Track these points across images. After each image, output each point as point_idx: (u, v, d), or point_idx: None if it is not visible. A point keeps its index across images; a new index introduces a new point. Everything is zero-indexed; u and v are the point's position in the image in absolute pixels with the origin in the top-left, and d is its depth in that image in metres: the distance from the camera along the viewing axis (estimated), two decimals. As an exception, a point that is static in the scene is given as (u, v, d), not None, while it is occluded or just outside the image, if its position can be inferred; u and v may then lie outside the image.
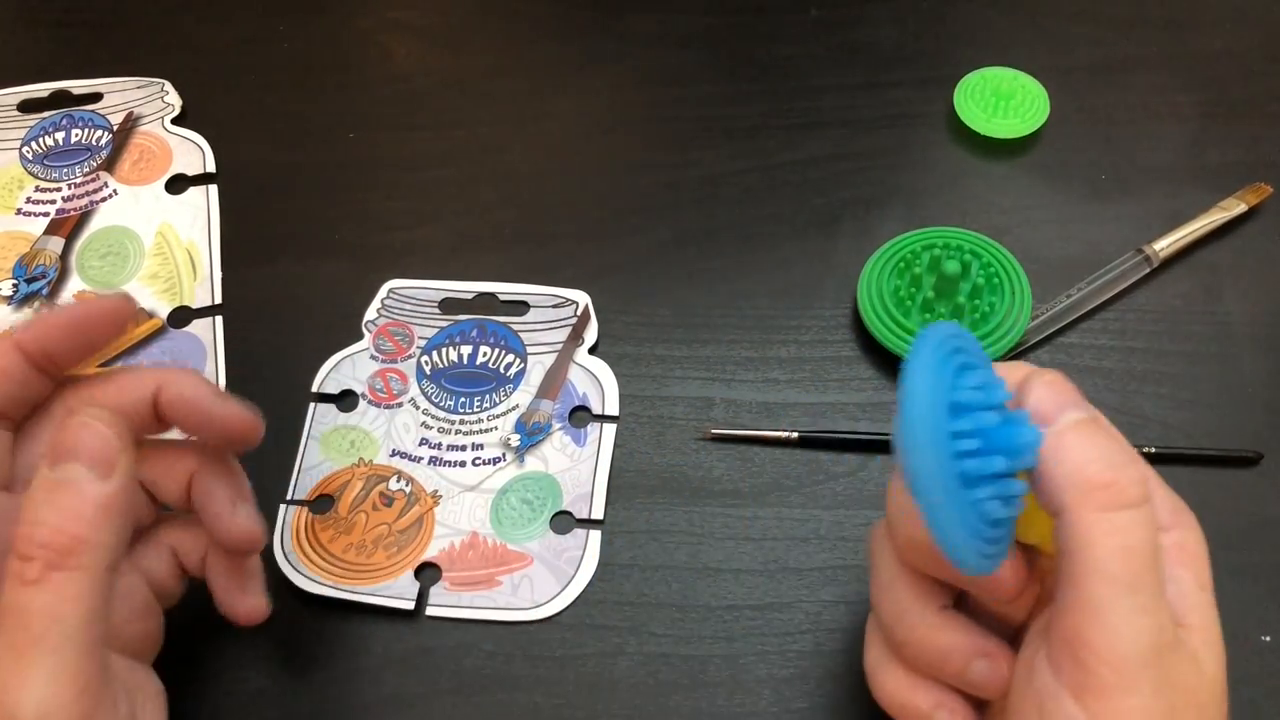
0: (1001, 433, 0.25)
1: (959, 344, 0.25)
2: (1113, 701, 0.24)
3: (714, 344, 0.42)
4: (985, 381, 0.25)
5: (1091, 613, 0.24)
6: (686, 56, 0.50)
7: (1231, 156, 0.46)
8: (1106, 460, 0.24)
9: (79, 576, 0.26)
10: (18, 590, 0.25)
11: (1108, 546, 0.24)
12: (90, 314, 0.31)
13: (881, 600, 0.29)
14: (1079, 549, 0.24)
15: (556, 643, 0.36)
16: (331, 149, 0.48)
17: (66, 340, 0.31)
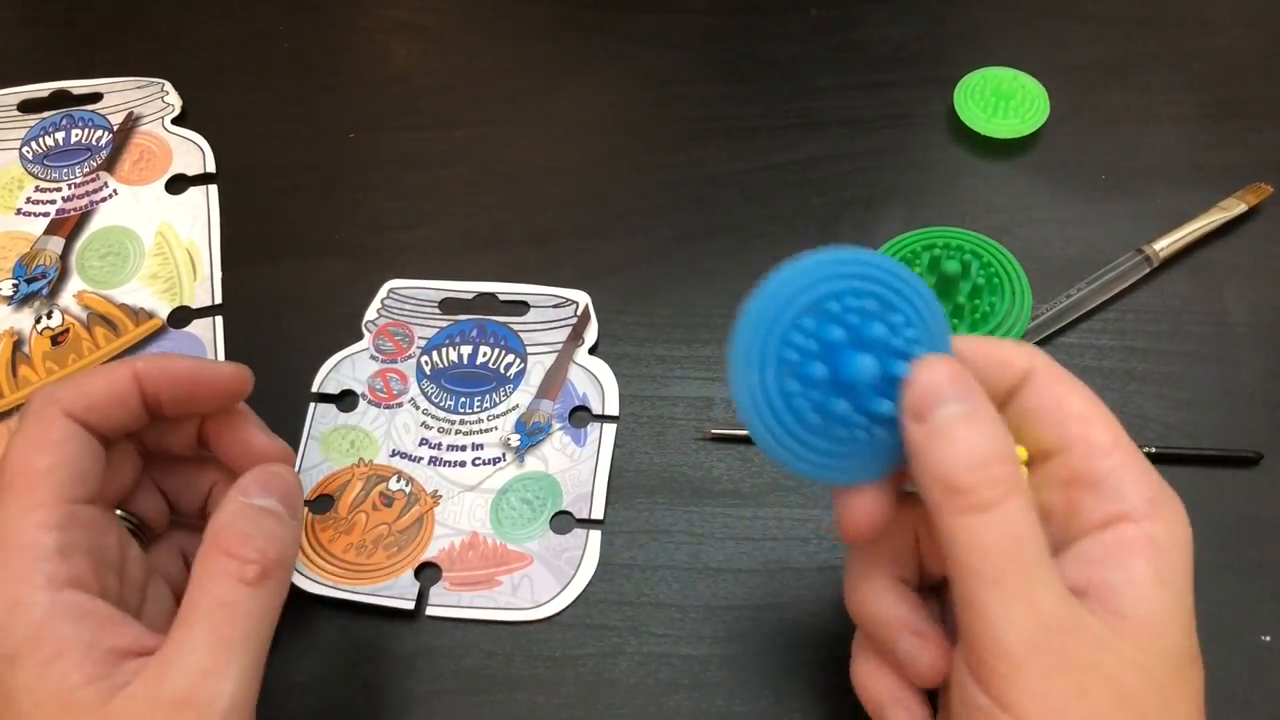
0: (841, 353, 0.26)
1: (895, 283, 0.26)
2: (1008, 687, 0.24)
3: (714, 344, 0.42)
4: (894, 323, 0.26)
5: (966, 606, 0.25)
6: (686, 56, 0.50)
7: (1231, 156, 0.46)
8: (967, 463, 0.25)
9: (282, 586, 0.30)
10: (236, 588, 0.28)
11: (965, 545, 0.25)
12: (208, 377, 0.33)
13: (846, 565, 0.30)
14: (945, 547, 0.25)
15: (556, 643, 0.36)
16: (331, 149, 0.48)
17: (178, 392, 0.32)
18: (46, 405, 0.30)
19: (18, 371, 0.42)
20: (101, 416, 0.31)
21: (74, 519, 0.29)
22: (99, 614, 0.28)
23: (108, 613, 0.28)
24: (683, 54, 0.50)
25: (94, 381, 0.31)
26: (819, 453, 0.27)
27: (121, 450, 0.32)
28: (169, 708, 0.26)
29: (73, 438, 0.30)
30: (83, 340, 0.43)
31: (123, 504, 0.33)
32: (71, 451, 0.30)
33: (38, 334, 0.43)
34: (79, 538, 0.29)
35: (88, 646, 0.27)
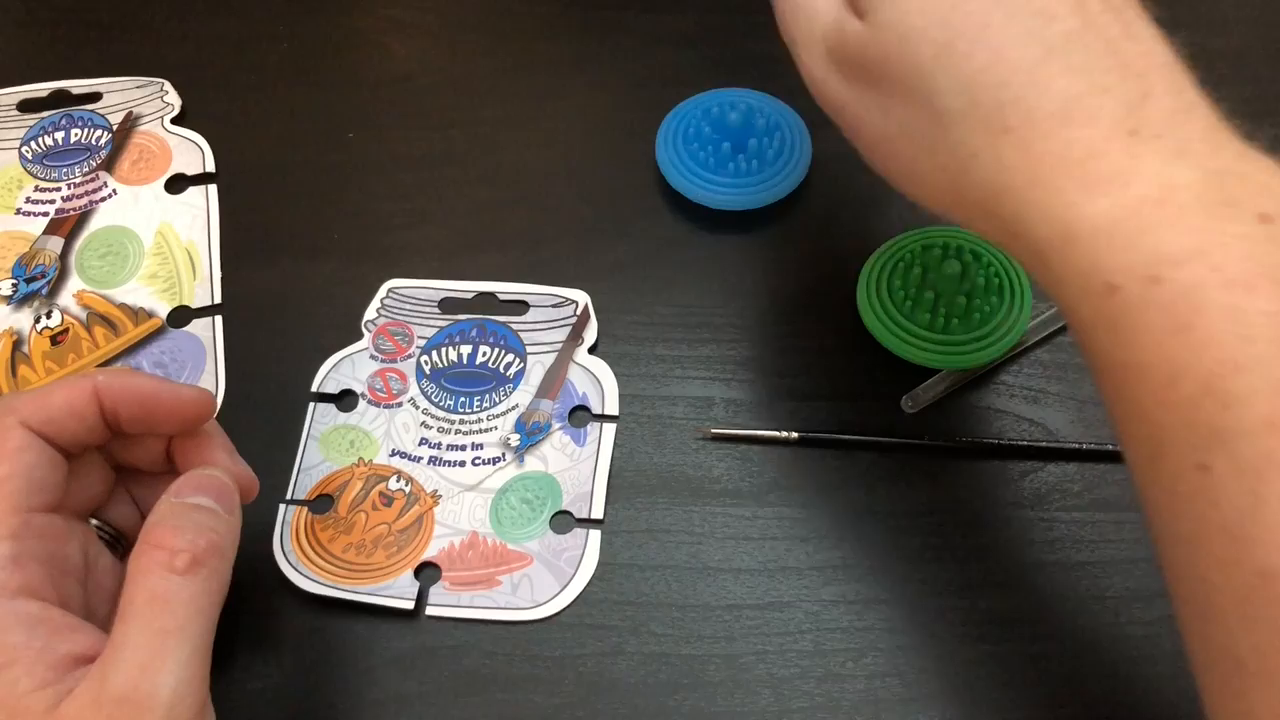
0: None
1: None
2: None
3: (714, 344, 0.42)
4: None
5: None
6: (686, 56, 0.50)
7: (1231, 156, 0.46)
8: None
9: (218, 576, 0.30)
10: (167, 578, 0.28)
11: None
12: (168, 398, 0.32)
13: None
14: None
15: (556, 643, 0.36)
16: (331, 149, 0.48)
17: (137, 411, 0.32)
18: (3, 415, 0.30)
19: (17, 371, 0.42)
20: (59, 429, 0.31)
21: (29, 528, 0.29)
22: (52, 621, 0.28)
23: (61, 619, 0.28)
24: (683, 54, 0.50)
25: (53, 394, 0.31)
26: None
27: (90, 461, 0.33)
28: (111, 706, 0.26)
29: (30, 447, 0.30)
30: (82, 340, 0.43)
31: (97, 514, 0.33)
32: (28, 461, 0.30)
33: (37, 334, 0.43)
34: (35, 546, 0.29)
35: (39, 653, 0.27)
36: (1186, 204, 0.25)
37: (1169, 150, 0.25)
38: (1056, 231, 0.26)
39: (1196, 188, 0.25)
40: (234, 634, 0.36)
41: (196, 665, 0.28)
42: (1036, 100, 0.26)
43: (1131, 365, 0.25)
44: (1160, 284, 0.24)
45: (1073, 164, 0.26)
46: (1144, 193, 0.25)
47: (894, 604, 0.36)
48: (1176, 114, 0.26)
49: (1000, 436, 0.40)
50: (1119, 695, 0.35)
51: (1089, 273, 0.25)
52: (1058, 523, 0.38)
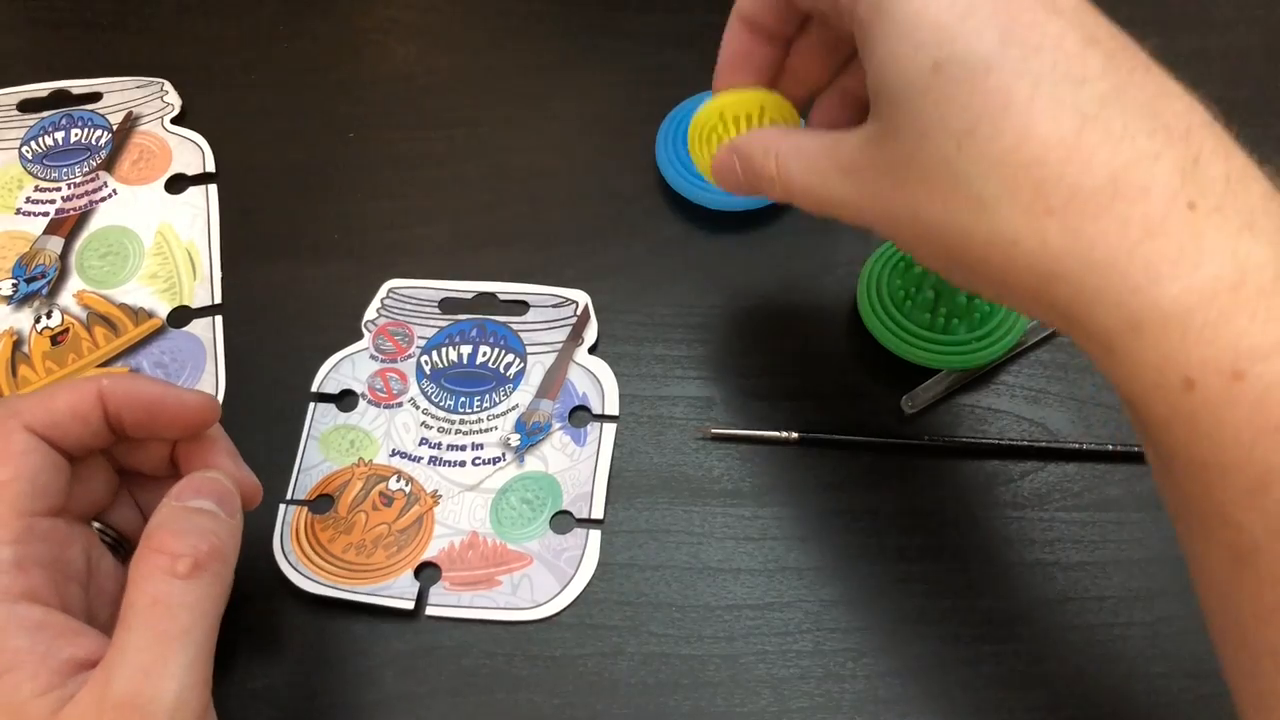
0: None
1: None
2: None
3: (714, 344, 0.42)
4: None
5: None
6: (686, 56, 0.50)
7: (1231, 156, 0.46)
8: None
9: (220, 579, 0.29)
10: (169, 582, 0.28)
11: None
12: (173, 403, 0.32)
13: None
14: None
15: (556, 643, 0.36)
16: (331, 149, 0.48)
17: (141, 416, 0.32)
18: (7, 418, 0.30)
19: (17, 371, 0.42)
20: (63, 433, 0.31)
21: (32, 532, 0.29)
22: (54, 626, 0.28)
23: (64, 624, 0.28)
24: (683, 54, 0.50)
25: (57, 397, 0.31)
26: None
27: (93, 464, 0.32)
28: (113, 711, 0.26)
29: (33, 451, 0.30)
30: (82, 340, 0.43)
31: (100, 517, 0.33)
32: (32, 464, 0.30)
33: (37, 334, 0.43)
34: (38, 550, 0.29)
35: (41, 658, 0.27)
36: (1265, 286, 0.22)
37: (1235, 224, 0.23)
38: (1122, 321, 0.24)
39: (1273, 267, 0.23)
40: (234, 634, 0.36)
41: (199, 669, 0.28)
42: (1079, 176, 0.24)
43: (1214, 465, 0.23)
44: (1245, 380, 0.22)
45: (1131, 245, 0.23)
46: (1217, 274, 0.23)
47: (894, 604, 0.36)
48: (1231, 181, 0.24)
49: (1000, 436, 0.40)
50: (1119, 695, 0.35)
51: (1162, 366, 0.23)
52: (1058, 523, 0.38)
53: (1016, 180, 0.24)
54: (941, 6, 0.25)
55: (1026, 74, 0.24)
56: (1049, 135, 0.24)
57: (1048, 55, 0.25)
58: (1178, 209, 0.23)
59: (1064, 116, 0.24)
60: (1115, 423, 0.40)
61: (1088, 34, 0.26)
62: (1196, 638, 0.35)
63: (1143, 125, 0.24)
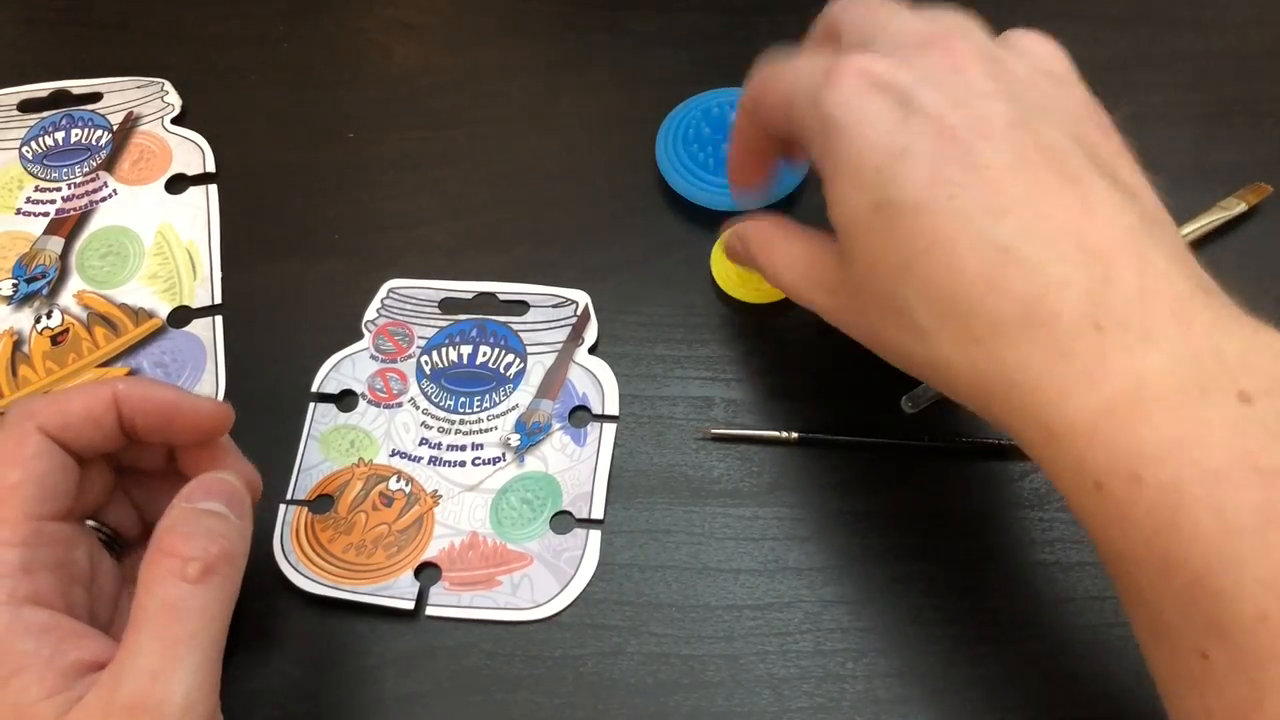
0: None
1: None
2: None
3: (714, 344, 0.42)
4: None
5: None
6: (686, 56, 0.50)
7: (1231, 156, 0.46)
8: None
9: (229, 582, 0.30)
10: (179, 585, 0.28)
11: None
12: (188, 410, 0.32)
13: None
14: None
15: (556, 643, 0.36)
16: (331, 149, 0.48)
17: (155, 422, 0.32)
18: (22, 420, 0.30)
19: (17, 371, 0.42)
20: (76, 435, 0.31)
21: (40, 535, 0.29)
22: (61, 629, 0.28)
23: (70, 627, 0.28)
24: (683, 54, 0.50)
25: (72, 400, 0.31)
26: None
27: (95, 464, 0.32)
28: (122, 713, 0.26)
29: (45, 454, 0.30)
30: (82, 340, 0.43)
31: (95, 515, 0.33)
32: (43, 467, 0.30)
33: (37, 334, 0.43)
34: (45, 554, 0.29)
35: (48, 661, 0.27)
36: (1161, 395, 0.25)
37: (1136, 339, 0.25)
38: (1041, 433, 0.26)
39: (1169, 377, 0.25)
40: (234, 634, 0.36)
41: (207, 672, 0.28)
42: (997, 308, 0.26)
43: (1127, 556, 0.25)
44: (1142, 483, 0.24)
45: (1044, 368, 0.26)
46: (1116, 389, 0.25)
47: (894, 604, 0.36)
48: (1144, 294, 0.26)
49: (1000, 437, 0.40)
50: (1118, 695, 0.35)
51: (1076, 471, 0.26)
52: (1058, 523, 0.38)
53: (947, 312, 0.27)
54: (879, 150, 0.28)
55: (952, 212, 0.27)
56: (971, 270, 0.27)
57: (972, 190, 0.27)
58: (1085, 331, 0.26)
59: (985, 251, 0.27)
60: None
61: (1017, 156, 0.28)
62: (1196, 638, 0.35)
63: (1057, 252, 0.26)
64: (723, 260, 0.43)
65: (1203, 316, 0.26)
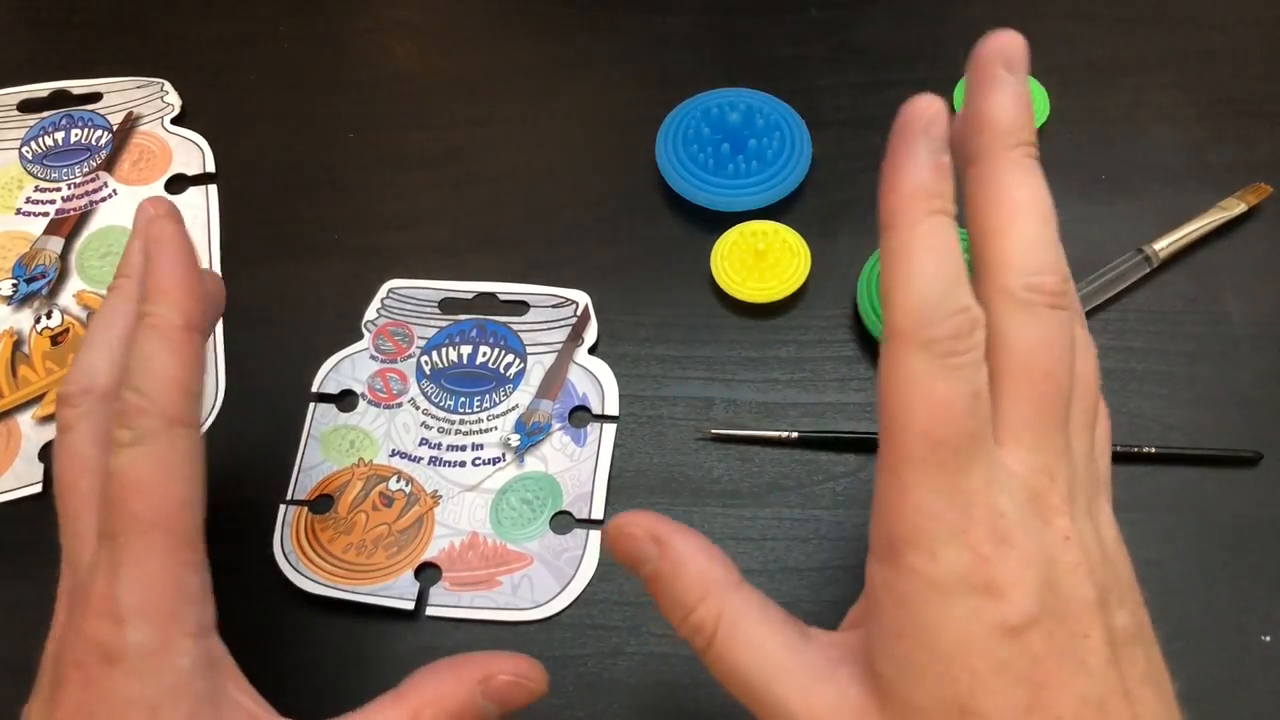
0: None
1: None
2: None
3: (714, 344, 0.42)
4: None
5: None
6: (686, 56, 0.50)
7: (1231, 156, 0.46)
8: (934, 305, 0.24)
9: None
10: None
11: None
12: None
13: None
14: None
15: (556, 643, 0.36)
16: (331, 149, 0.48)
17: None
18: (171, 426, 0.26)
19: (17, 371, 0.42)
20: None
21: (205, 557, 0.27)
22: (223, 662, 0.27)
23: (224, 659, 0.27)
24: (682, 54, 0.50)
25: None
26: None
27: None
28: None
29: (198, 458, 0.27)
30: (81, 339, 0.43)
31: None
32: (199, 476, 0.27)
33: (37, 334, 0.43)
34: (209, 579, 0.27)
35: (215, 702, 0.26)
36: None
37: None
38: None
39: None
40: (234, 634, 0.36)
41: (173, 568, 0.26)
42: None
43: None
44: None
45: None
46: None
47: (894, 604, 0.36)
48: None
49: (1000, 437, 0.40)
50: (1119, 695, 0.35)
51: None
52: (1058, 523, 0.38)
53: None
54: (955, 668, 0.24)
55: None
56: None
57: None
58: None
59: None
60: (1115, 423, 0.40)
61: (1021, 672, 0.24)
62: (1195, 638, 0.35)
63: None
64: (723, 260, 0.43)
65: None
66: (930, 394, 0.24)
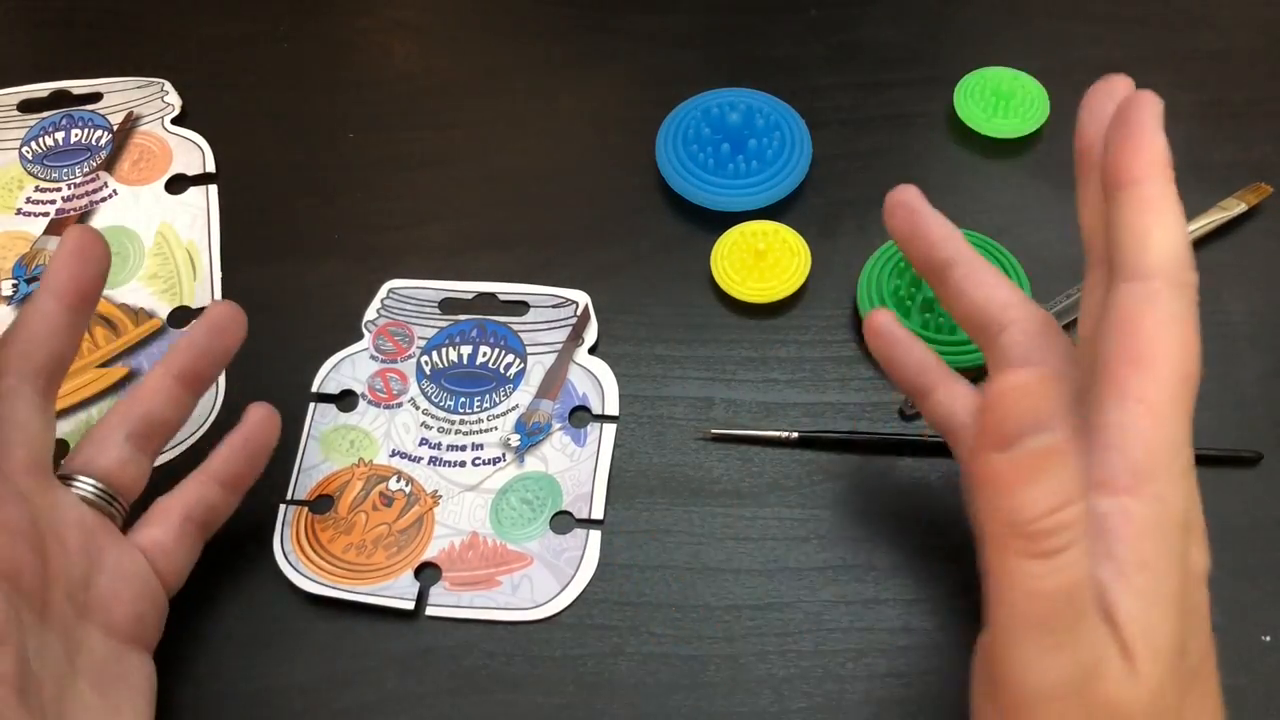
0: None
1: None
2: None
3: (714, 344, 0.42)
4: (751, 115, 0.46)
5: (1002, 643, 0.24)
6: (686, 56, 0.50)
7: (1231, 156, 0.46)
8: (1047, 506, 0.23)
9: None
10: None
11: (1019, 587, 0.24)
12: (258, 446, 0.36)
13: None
14: (994, 578, 0.24)
15: (556, 643, 0.36)
16: (331, 149, 0.48)
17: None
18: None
19: (17, 371, 0.42)
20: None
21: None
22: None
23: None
24: (682, 54, 0.50)
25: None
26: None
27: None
28: None
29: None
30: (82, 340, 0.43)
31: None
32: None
33: (37, 334, 0.43)
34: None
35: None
36: None
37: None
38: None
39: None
40: (234, 634, 0.36)
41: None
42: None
43: None
44: None
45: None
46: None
47: (894, 604, 0.36)
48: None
49: (1000, 436, 0.39)
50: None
51: None
52: (1058, 523, 0.38)
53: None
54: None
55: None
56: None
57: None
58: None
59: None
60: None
61: (1204, 618, 0.27)
62: (1196, 638, 0.35)
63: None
64: (723, 260, 0.43)
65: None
66: (1186, 336, 0.26)
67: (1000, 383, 0.22)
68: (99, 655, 0.31)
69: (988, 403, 0.22)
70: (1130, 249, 0.27)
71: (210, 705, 0.35)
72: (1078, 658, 0.24)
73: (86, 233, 0.33)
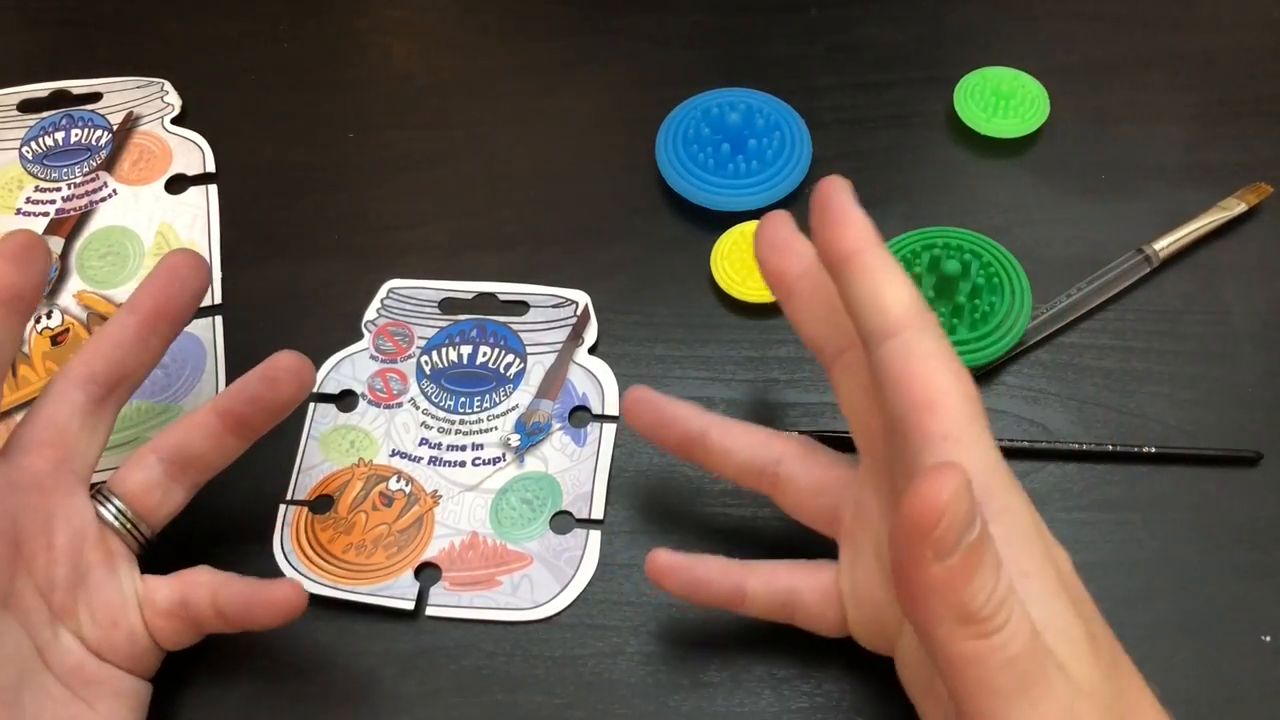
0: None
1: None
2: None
3: (714, 344, 0.42)
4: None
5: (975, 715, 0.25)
6: (686, 56, 0.50)
7: (1231, 156, 0.46)
8: (988, 596, 0.24)
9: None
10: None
11: (976, 664, 0.24)
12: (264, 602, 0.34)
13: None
14: (946, 664, 0.25)
15: (556, 643, 0.36)
16: (331, 149, 0.48)
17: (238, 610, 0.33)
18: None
19: (17, 371, 0.42)
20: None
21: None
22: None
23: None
24: (682, 54, 0.50)
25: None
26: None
27: None
28: None
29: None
30: (83, 340, 0.43)
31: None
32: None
33: (37, 334, 0.43)
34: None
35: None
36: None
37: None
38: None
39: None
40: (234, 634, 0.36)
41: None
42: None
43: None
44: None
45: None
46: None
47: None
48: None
49: (1000, 437, 0.39)
50: (1119, 695, 0.35)
51: None
52: (1058, 523, 0.38)
53: None
54: None
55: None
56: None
57: None
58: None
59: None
60: (1115, 423, 0.40)
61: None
62: (1195, 639, 0.35)
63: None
64: (723, 260, 0.43)
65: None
66: (952, 365, 0.28)
67: (930, 498, 0.23)
68: (74, 659, 0.32)
69: (918, 521, 0.23)
70: (872, 313, 0.28)
71: (209, 706, 0.35)
72: (1053, 696, 0.24)
73: (186, 255, 0.35)
